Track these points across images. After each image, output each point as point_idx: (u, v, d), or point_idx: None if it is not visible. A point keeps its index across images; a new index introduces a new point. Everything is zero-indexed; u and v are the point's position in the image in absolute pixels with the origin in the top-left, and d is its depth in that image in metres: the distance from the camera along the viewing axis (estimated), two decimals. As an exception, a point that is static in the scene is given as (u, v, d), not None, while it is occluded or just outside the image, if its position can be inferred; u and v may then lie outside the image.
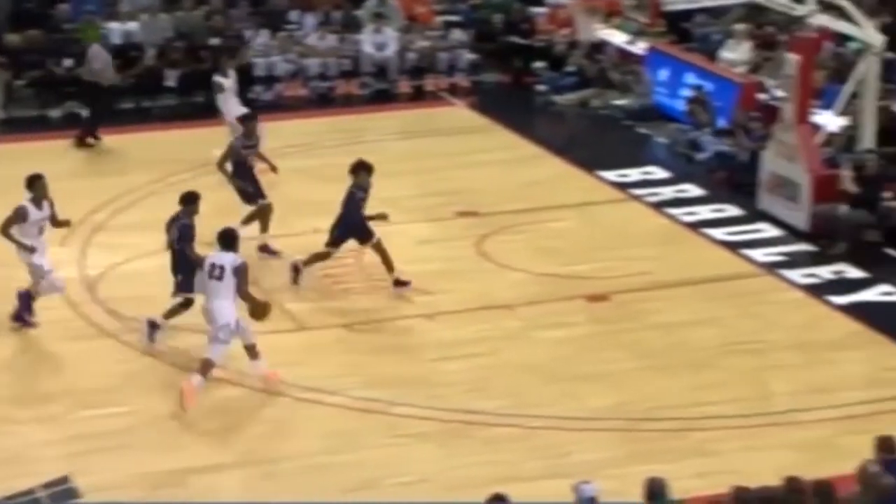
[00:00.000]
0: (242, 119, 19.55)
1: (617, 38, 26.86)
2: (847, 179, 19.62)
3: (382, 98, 26.23)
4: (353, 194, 17.65)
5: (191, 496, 13.54)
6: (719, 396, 15.44)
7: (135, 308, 16.87)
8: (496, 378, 15.95)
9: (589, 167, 22.29)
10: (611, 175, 22.02)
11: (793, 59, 20.20)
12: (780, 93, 21.78)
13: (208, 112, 24.34)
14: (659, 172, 22.30)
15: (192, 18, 26.76)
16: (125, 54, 25.72)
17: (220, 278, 15.27)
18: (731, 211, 20.73)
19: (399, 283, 17.73)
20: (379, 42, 26.70)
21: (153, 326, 16.39)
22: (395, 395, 15.39)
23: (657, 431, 14.77)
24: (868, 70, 20.58)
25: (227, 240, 15.47)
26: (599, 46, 26.52)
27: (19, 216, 16.35)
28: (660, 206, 20.94)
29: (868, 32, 20.81)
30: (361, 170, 17.72)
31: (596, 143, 23.97)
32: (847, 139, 21.02)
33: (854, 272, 18.69)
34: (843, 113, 21.20)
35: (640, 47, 26.19)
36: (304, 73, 26.37)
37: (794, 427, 14.84)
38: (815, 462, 13.52)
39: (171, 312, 16.44)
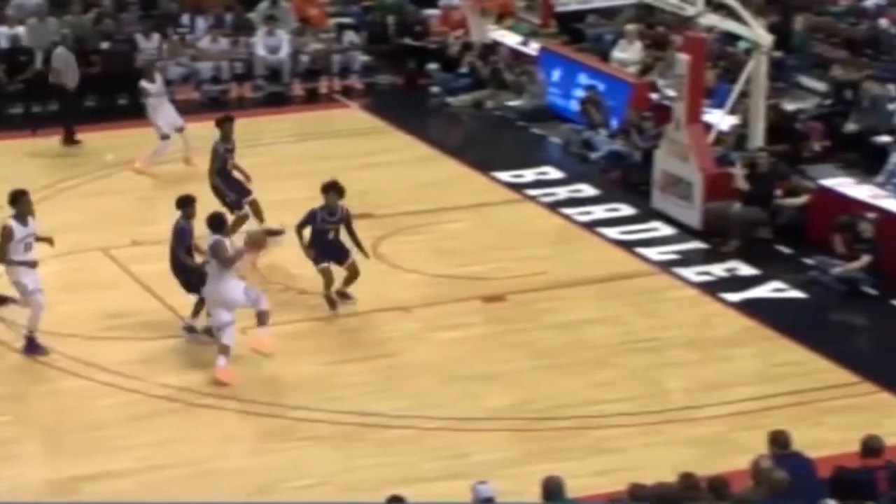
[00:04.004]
0: (219, 122, 19.37)
1: (510, 39, 26.95)
2: (739, 177, 19.83)
3: (276, 101, 26.08)
4: (313, 215, 17.31)
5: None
6: (616, 394, 15.54)
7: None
8: (394, 380, 15.94)
9: (483, 168, 22.34)
10: (505, 176, 22.08)
11: (684, 58, 20.39)
12: (671, 92, 21.99)
13: (98, 116, 24.11)
14: (553, 173, 22.40)
15: (82, 22, 26.43)
16: (13, 59, 25.39)
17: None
18: (625, 210, 20.86)
19: (343, 295, 17.51)
20: (272, 45, 26.56)
21: (190, 330, 16.63)
22: (293, 398, 15.32)
23: (555, 430, 14.84)
24: (757, 69, 20.82)
25: (215, 223, 15.97)
26: (492, 47, 26.58)
27: (6, 235, 15.88)
28: (554, 206, 21.03)
29: (756, 32, 21.06)
30: (331, 191, 17.29)
31: (490, 143, 24.04)
32: (737, 137, 21.25)
33: (746, 269, 18.89)
34: (733, 112, 21.44)
35: (532, 48, 26.29)
36: (196, 77, 26.16)
37: (690, 424, 14.99)
38: (710, 458, 13.68)
39: (196, 311, 16.66)
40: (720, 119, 21.27)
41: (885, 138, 21.29)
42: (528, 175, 22.19)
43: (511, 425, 14.94)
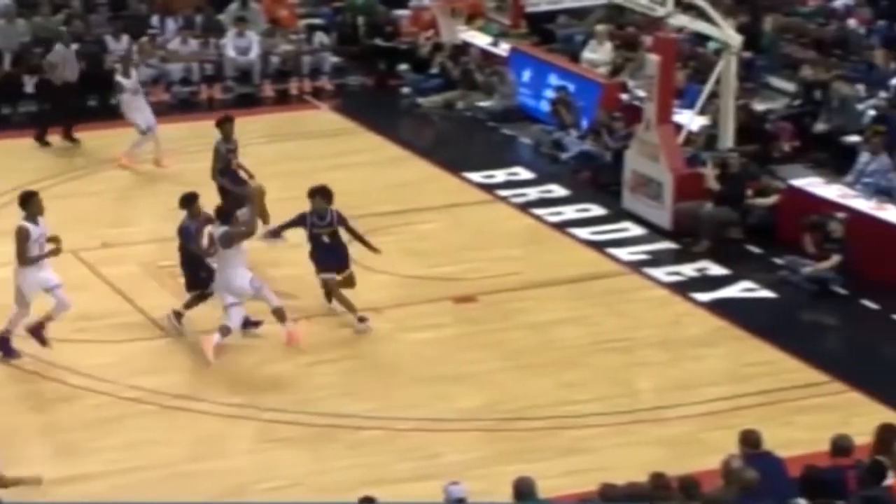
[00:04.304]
0: (220, 122, 19.40)
1: (480, 39, 26.97)
2: (710, 178, 19.90)
3: (247, 102, 26.01)
4: (303, 217, 17.28)
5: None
6: (587, 395, 15.58)
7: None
8: (365, 381, 15.95)
9: (455, 169, 22.36)
10: (476, 176, 22.10)
11: (654, 59, 20.44)
12: (641, 93, 22.04)
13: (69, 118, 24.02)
14: (524, 173, 22.43)
15: (51, 24, 26.33)
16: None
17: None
18: (596, 210, 20.91)
19: (362, 320, 17.22)
20: (242, 46, 26.51)
21: (178, 316, 16.72)
22: (264, 400, 15.31)
23: (526, 431, 14.86)
24: (727, 69, 20.89)
25: (223, 215, 16.45)
26: (463, 48, 26.60)
27: (23, 238, 15.81)
28: (525, 206, 21.06)
29: (726, 32, 21.13)
30: (318, 195, 17.25)
31: (461, 144, 24.06)
32: (707, 138, 21.32)
33: (716, 269, 18.95)
34: (703, 112, 21.51)
35: (503, 48, 26.32)
36: (166, 78, 26.10)
37: (660, 424, 15.03)
38: (681, 458, 13.73)
39: (189, 304, 16.87)
40: (690, 119, 21.32)
41: (854, 138, 21.38)
42: (499, 175, 22.22)
43: (482, 426, 14.95)
